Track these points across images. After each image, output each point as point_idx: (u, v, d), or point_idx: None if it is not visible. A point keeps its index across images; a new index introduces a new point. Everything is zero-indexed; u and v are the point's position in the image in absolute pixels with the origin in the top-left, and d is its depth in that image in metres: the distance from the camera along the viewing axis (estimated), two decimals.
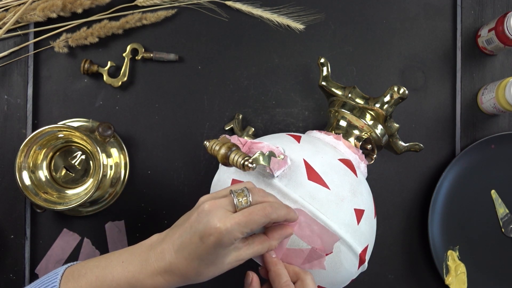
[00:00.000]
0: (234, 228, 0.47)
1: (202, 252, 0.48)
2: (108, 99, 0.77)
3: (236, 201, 0.50)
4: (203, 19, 0.78)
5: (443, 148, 0.79)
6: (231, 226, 0.47)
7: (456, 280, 0.76)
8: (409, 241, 0.79)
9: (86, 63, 0.74)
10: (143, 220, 0.76)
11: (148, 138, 0.77)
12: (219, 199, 0.50)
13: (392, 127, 0.66)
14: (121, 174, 0.75)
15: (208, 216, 0.48)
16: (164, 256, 0.49)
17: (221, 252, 0.49)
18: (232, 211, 0.49)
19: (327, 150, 0.60)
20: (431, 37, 0.80)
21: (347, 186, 0.57)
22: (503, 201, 0.78)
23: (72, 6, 0.73)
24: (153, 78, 0.77)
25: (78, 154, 0.73)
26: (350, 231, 0.56)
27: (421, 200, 0.79)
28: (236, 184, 0.53)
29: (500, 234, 0.78)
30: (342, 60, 0.79)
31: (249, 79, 0.78)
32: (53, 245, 0.76)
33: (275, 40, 0.78)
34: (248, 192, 0.50)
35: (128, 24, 0.75)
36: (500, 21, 0.72)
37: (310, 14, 0.78)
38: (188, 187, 0.77)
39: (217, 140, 0.56)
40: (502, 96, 0.72)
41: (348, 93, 0.66)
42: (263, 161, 0.53)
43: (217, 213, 0.48)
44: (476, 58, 0.80)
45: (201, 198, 0.53)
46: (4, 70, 0.76)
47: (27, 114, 0.75)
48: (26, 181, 0.68)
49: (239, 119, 0.76)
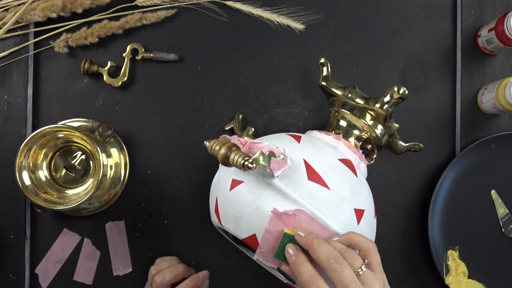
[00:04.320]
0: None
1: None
2: (108, 99, 0.77)
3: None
4: (203, 19, 0.78)
5: (443, 148, 0.79)
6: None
7: (456, 280, 0.76)
8: (409, 241, 0.79)
9: (86, 63, 0.74)
10: (143, 220, 0.76)
11: (148, 138, 0.77)
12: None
13: (392, 127, 0.66)
14: (121, 174, 0.75)
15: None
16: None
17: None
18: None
19: (327, 150, 0.60)
20: (431, 37, 0.80)
21: (347, 186, 0.57)
22: (503, 201, 0.78)
23: (72, 6, 0.73)
24: (153, 78, 0.77)
25: (78, 154, 0.73)
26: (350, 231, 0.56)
27: (421, 200, 0.79)
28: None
29: (500, 234, 0.78)
30: (342, 60, 0.79)
31: (249, 79, 0.78)
32: (53, 245, 0.76)
33: (275, 40, 0.78)
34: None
35: (128, 24, 0.75)
36: (500, 21, 0.72)
37: (310, 14, 0.78)
38: (188, 187, 0.77)
39: (217, 140, 0.56)
40: (502, 96, 0.72)
41: (348, 93, 0.66)
42: (263, 161, 0.53)
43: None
44: (476, 58, 0.80)
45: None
46: (4, 70, 0.76)
47: (27, 114, 0.75)
48: (26, 181, 0.68)
49: (239, 119, 0.76)
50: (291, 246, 0.53)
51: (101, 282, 0.76)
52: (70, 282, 0.75)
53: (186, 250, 0.77)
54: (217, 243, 0.77)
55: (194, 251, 0.77)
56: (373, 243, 0.53)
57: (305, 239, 0.52)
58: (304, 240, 0.52)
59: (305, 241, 0.52)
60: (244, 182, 0.58)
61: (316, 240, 0.52)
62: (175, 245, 0.77)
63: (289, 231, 0.54)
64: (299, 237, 0.53)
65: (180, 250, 0.77)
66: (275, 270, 0.67)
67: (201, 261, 0.77)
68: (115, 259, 0.76)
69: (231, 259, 0.77)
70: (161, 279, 0.67)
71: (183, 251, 0.77)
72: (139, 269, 0.76)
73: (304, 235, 0.53)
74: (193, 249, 0.77)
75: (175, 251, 0.77)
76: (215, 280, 0.77)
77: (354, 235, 0.53)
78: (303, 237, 0.53)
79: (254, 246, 0.56)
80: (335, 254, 0.50)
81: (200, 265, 0.77)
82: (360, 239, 0.53)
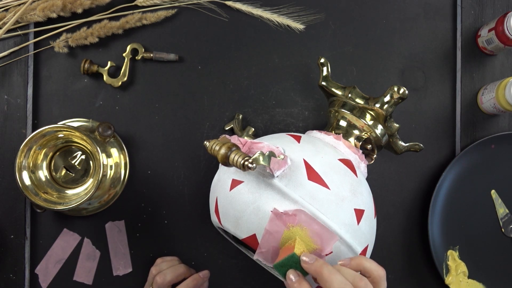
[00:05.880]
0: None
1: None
2: (108, 99, 0.77)
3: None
4: (203, 19, 0.78)
5: (443, 148, 0.79)
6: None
7: (456, 280, 0.76)
8: (409, 241, 0.79)
9: (86, 63, 0.74)
10: (143, 220, 0.76)
11: (148, 138, 0.77)
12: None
13: (392, 127, 0.66)
14: (121, 174, 0.75)
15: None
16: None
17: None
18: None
19: (327, 150, 0.60)
20: (431, 37, 0.80)
21: (347, 186, 0.57)
22: (503, 201, 0.78)
23: (72, 6, 0.73)
24: (153, 78, 0.77)
25: (78, 154, 0.73)
26: (350, 231, 0.56)
27: (421, 200, 0.79)
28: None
29: (500, 234, 0.78)
30: (342, 60, 0.79)
31: (249, 79, 0.78)
32: (53, 245, 0.76)
33: (275, 40, 0.78)
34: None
35: (128, 24, 0.75)
36: (500, 21, 0.72)
37: (310, 14, 0.78)
38: (188, 187, 0.77)
39: (217, 140, 0.56)
40: (502, 96, 0.72)
41: (348, 93, 0.66)
42: (263, 161, 0.53)
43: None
44: (476, 58, 0.80)
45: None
46: (4, 70, 0.76)
47: (27, 114, 0.75)
48: (26, 181, 0.68)
49: (239, 119, 0.76)
50: (293, 272, 0.51)
51: (101, 282, 0.76)
52: (70, 282, 0.75)
53: (186, 250, 0.77)
54: (217, 243, 0.77)
55: (194, 251, 0.77)
56: (383, 271, 0.51)
57: (313, 267, 0.49)
58: (312, 267, 0.49)
59: (313, 268, 0.49)
60: (244, 182, 0.58)
61: (325, 268, 0.48)
62: (175, 245, 0.77)
63: (298, 251, 0.51)
64: (306, 264, 0.50)
65: (180, 250, 0.77)
66: (275, 270, 0.67)
67: (201, 261, 0.77)
68: (115, 259, 0.76)
69: (231, 259, 0.77)
70: (162, 279, 0.67)
71: (183, 251, 0.77)
72: (139, 269, 0.76)
73: (311, 262, 0.50)
74: (193, 249, 0.77)
75: (175, 251, 0.77)
76: (215, 280, 0.77)
77: (366, 262, 0.50)
78: (311, 264, 0.50)
79: (254, 246, 0.56)
80: (349, 286, 0.47)
81: (200, 265, 0.77)
82: (372, 266, 0.50)
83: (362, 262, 0.50)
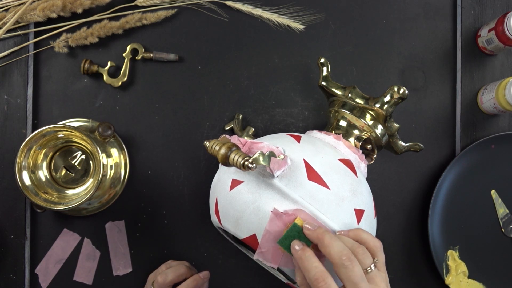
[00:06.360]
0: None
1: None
2: (108, 99, 0.77)
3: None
4: (203, 19, 0.78)
5: (443, 148, 0.79)
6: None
7: (456, 280, 0.76)
8: (409, 241, 0.79)
9: (86, 63, 0.74)
10: (143, 220, 0.76)
11: (148, 138, 0.77)
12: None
13: (392, 127, 0.66)
14: (121, 174, 0.75)
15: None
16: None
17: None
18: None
19: (327, 150, 0.60)
20: (431, 37, 0.80)
21: (347, 186, 0.57)
22: (503, 201, 0.78)
23: (72, 6, 0.73)
24: (153, 78, 0.77)
25: (78, 154, 0.73)
26: None
27: (421, 200, 0.79)
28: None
29: (500, 234, 0.78)
30: (342, 60, 0.79)
31: (249, 79, 0.78)
32: (53, 245, 0.76)
33: (275, 40, 0.78)
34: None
35: (128, 24, 0.75)
36: (500, 21, 0.72)
37: (310, 14, 0.78)
38: (188, 187, 0.77)
39: (217, 140, 0.56)
40: (502, 96, 0.72)
41: (348, 93, 0.66)
42: (263, 161, 0.53)
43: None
44: (476, 58, 0.80)
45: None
46: (4, 70, 0.76)
47: (27, 114, 0.75)
48: (26, 181, 0.68)
49: (239, 119, 0.76)
50: (297, 242, 0.52)
51: (101, 282, 0.76)
52: (70, 282, 0.75)
53: (186, 250, 0.77)
54: (217, 243, 0.77)
55: (194, 251, 0.77)
56: (380, 242, 0.53)
57: (315, 233, 0.52)
58: (314, 234, 0.52)
59: (315, 235, 0.52)
60: (244, 182, 0.58)
61: (327, 234, 0.51)
62: (175, 245, 0.77)
63: (299, 221, 0.53)
64: (308, 230, 0.52)
65: (180, 250, 0.77)
66: (275, 270, 0.67)
67: (201, 261, 0.77)
68: (115, 259, 0.76)
69: (231, 259, 0.77)
70: (163, 278, 0.67)
71: (183, 251, 0.77)
72: (139, 269, 0.76)
73: (313, 229, 0.52)
74: (193, 249, 0.77)
75: (175, 251, 0.77)
76: (215, 280, 0.77)
77: (363, 233, 0.53)
78: (313, 230, 0.52)
79: (254, 246, 0.56)
80: (347, 251, 0.49)
81: (200, 265, 0.77)
82: (368, 237, 0.53)
83: (360, 233, 0.54)
